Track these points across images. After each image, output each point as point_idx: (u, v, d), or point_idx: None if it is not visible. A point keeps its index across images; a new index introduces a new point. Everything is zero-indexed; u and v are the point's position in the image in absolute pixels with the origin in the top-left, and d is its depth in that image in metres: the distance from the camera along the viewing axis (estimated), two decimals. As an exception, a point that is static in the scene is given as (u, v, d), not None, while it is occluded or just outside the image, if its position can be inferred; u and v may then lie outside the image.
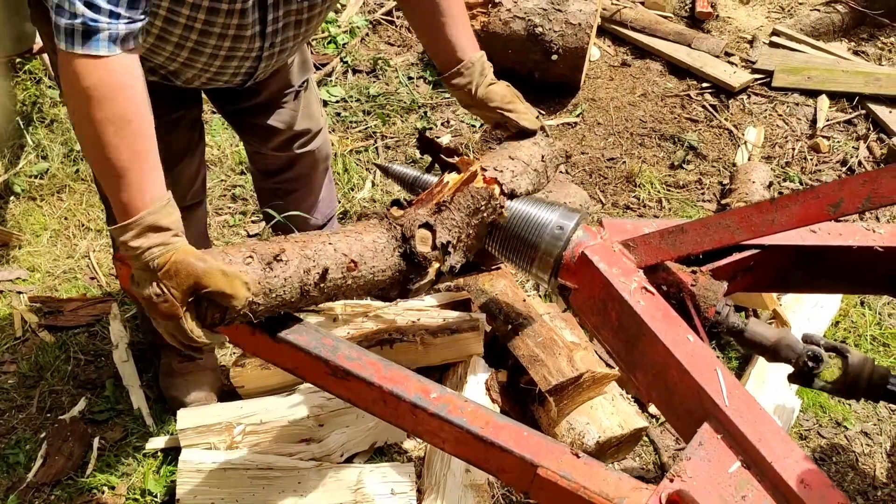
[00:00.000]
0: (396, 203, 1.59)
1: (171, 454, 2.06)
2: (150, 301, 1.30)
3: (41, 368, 2.28)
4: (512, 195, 1.67)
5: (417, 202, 1.60)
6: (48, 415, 2.18)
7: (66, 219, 2.74)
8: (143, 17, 1.29)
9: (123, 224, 1.29)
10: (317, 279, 1.42)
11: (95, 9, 1.24)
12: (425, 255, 1.54)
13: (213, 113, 3.07)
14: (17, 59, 3.08)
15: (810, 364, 1.51)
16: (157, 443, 2.10)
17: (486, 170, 1.66)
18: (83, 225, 2.72)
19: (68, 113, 1.44)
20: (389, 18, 3.73)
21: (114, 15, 1.25)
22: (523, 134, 1.77)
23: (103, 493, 2.02)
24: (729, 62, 3.59)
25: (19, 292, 2.48)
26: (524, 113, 1.76)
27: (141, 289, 1.31)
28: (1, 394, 2.22)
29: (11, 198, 2.78)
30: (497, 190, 1.64)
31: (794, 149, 3.22)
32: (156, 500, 2.00)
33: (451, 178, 1.64)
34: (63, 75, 1.29)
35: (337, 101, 3.28)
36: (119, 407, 2.20)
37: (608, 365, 2.14)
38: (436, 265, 1.57)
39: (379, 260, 1.50)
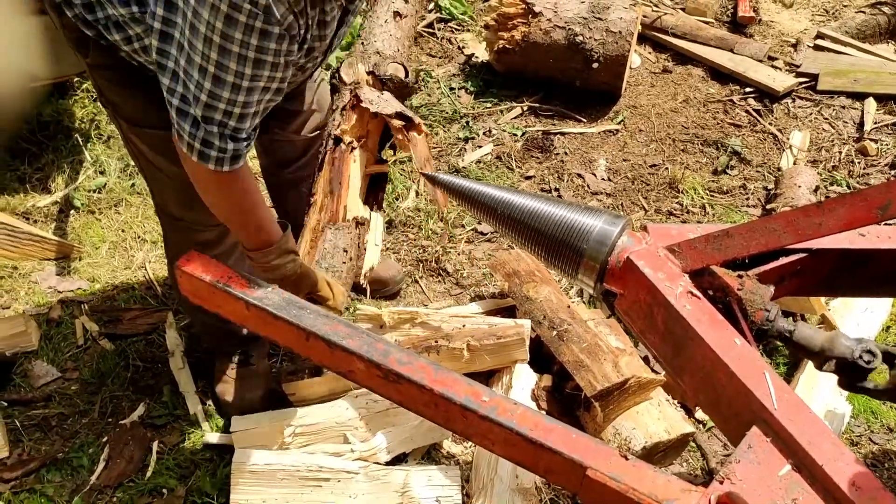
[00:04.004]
0: None
1: (226, 457, 2.12)
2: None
3: (102, 375, 2.37)
4: None
5: None
6: (109, 420, 2.27)
7: (123, 231, 2.84)
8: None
9: (268, 249, 1.73)
10: None
11: (239, 140, 1.53)
12: None
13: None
14: (76, 79, 3.22)
15: (865, 359, 1.48)
16: (212, 437, 2.19)
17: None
18: (139, 237, 2.82)
19: (204, 198, 1.69)
20: (431, 31, 3.79)
21: (249, 138, 1.56)
22: None
23: (163, 495, 2.09)
24: (773, 66, 3.56)
25: (80, 302, 2.58)
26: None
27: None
28: (65, 400, 2.31)
29: (72, 212, 2.90)
30: None
31: (840, 152, 3.18)
32: (212, 501, 2.06)
33: None
34: (202, 182, 1.61)
35: (380, 113, 3.35)
36: (176, 412, 2.28)
37: (653, 370, 2.14)
38: None
39: None
